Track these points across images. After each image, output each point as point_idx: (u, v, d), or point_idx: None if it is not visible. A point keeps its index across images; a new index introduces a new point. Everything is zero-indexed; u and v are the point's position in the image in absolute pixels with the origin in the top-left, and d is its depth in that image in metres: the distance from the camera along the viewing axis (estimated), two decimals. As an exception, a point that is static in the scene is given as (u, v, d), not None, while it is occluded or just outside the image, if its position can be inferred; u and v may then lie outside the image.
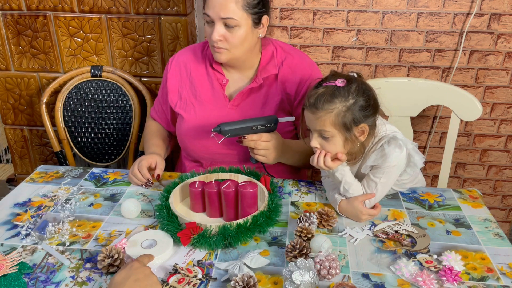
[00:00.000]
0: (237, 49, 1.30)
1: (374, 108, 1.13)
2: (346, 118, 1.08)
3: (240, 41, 1.28)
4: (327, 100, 1.08)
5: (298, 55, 1.43)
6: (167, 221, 1.10)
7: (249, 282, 0.88)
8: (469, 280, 0.97)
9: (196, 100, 1.42)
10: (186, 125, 1.42)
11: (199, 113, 1.41)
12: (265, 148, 1.26)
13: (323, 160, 1.13)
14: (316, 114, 1.09)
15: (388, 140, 1.14)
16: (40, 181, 1.36)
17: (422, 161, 1.19)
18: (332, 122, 1.09)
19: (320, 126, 1.11)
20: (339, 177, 1.16)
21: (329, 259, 0.94)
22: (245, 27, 1.26)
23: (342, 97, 1.08)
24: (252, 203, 1.14)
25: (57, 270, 0.99)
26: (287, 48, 1.44)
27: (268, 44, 1.41)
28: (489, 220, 1.17)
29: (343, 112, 1.08)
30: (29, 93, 2.01)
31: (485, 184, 2.10)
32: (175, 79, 1.46)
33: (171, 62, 1.48)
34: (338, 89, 1.09)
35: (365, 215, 1.15)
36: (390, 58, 1.88)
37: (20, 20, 1.87)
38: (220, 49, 1.29)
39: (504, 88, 1.91)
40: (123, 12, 1.82)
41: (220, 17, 1.24)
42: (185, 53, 1.47)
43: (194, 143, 1.43)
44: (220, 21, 1.25)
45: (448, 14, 1.78)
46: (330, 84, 1.10)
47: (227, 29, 1.26)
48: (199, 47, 1.47)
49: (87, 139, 1.92)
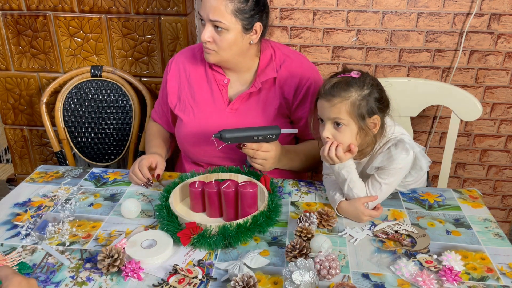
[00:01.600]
0: (225, 52, 1.30)
1: (387, 101, 1.16)
2: (361, 108, 1.11)
3: (228, 45, 1.28)
4: (343, 88, 1.10)
5: (297, 58, 1.43)
6: (167, 221, 1.10)
7: (249, 282, 0.88)
8: (469, 280, 0.97)
9: (195, 102, 1.42)
10: (185, 128, 1.42)
11: (198, 116, 1.41)
12: (263, 158, 1.27)
13: (334, 151, 1.13)
14: (332, 101, 1.11)
15: (396, 142, 1.15)
16: (40, 181, 1.36)
17: (428, 165, 1.20)
18: (348, 110, 1.10)
19: (335, 114, 1.11)
20: (345, 175, 1.16)
21: (329, 259, 0.94)
22: (233, 31, 1.26)
23: (358, 86, 1.11)
24: (252, 203, 1.14)
25: (57, 270, 0.99)
26: (286, 51, 1.43)
27: (267, 48, 1.40)
28: (489, 220, 1.17)
29: (358, 101, 1.10)
30: (29, 93, 2.01)
31: (485, 184, 2.10)
32: (175, 81, 1.46)
33: (170, 63, 1.48)
34: (354, 79, 1.12)
35: (367, 216, 1.15)
36: (390, 58, 1.88)
37: (20, 20, 1.87)
38: (208, 49, 1.30)
39: (504, 88, 1.91)
40: (123, 12, 1.82)
41: (209, 18, 1.24)
42: (184, 54, 1.47)
43: (193, 147, 1.43)
44: (209, 23, 1.26)
45: (448, 14, 1.78)
46: (345, 75, 1.13)
47: (216, 32, 1.26)
48: (198, 48, 1.47)
49: (87, 139, 1.91)
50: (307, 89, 1.39)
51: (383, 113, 1.15)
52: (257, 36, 1.32)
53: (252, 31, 1.30)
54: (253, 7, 1.26)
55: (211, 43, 1.28)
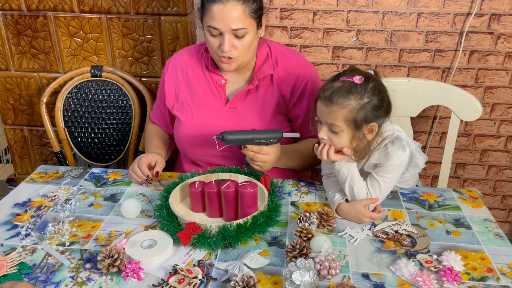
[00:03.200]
0: (245, 55, 1.30)
1: (387, 109, 1.15)
2: (358, 116, 1.09)
3: (248, 47, 1.28)
4: (343, 96, 1.09)
5: (293, 56, 1.43)
6: (167, 221, 1.10)
7: (249, 282, 0.88)
8: (469, 280, 0.97)
9: (193, 102, 1.42)
10: (183, 129, 1.42)
11: (196, 116, 1.41)
12: (263, 160, 1.27)
13: (326, 153, 1.14)
14: (330, 107, 1.10)
15: (392, 140, 1.16)
16: (40, 181, 1.36)
17: (424, 162, 1.21)
18: (344, 118, 1.10)
19: (331, 120, 1.11)
20: (345, 173, 1.16)
21: (329, 259, 0.94)
22: (252, 32, 1.27)
23: (358, 94, 1.09)
24: (252, 203, 1.14)
25: (57, 270, 0.99)
26: (282, 49, 1.43)
27: (263, 45, 1.40)
28: (489, 220, 1.17)
29: (356, 110, 1.09)
30: (29, 93, 2.01)
31: (485, 184, 2.10)
32: (172, 81, 1.46)
33: (167, 64, 1.48)
34: (355, 85, 1.10)
35: (368, 218, 1.14)
36: (390, 58, 1.88)
37: (20, 20, 1.87)
38: (230, 59, 1.29)
39: (504, 88, 1.91)
40: (123, 12, 1.82)
41: (231, 28, 1.23)
42: (181, 55, 1.47)
43: (192, 147, 1.43)
44: (230, 32, 1.24)
45: (448, 14, 1.78)
46: (348, 79, 1.11)
47: (236, 39, 1.26)
48: (195, 48, 1.47)
49: (87, 139, 1.92)
50: (304, 87, 1.39)
51: (382, 120, 1.14)
52: (263, 28, 1.33)
53: (261, 25, 1.32)
54: (261, 3, 1.28)
55: (232, 51, 1.27)
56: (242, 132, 1.21)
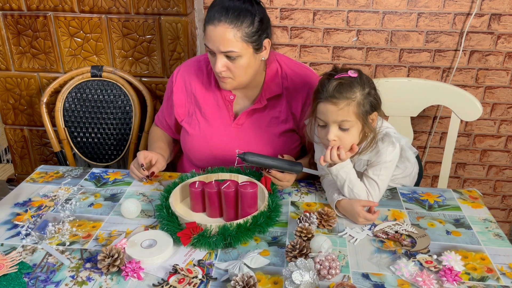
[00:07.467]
0: (241, 77, 1.29)
1: (379, 97, 1.18)
2: (365, 107, 1.12)
3: (244, 70, 1.27)
4: (348, 90, 1.10)
5: (303, 72, 1.41)
6: (167, 221, 1.10)
7: (249, 282, 0.89)
8: (469, 280, 0.97)
9: (202, 117, 1.41)
10: (190, 142, 1.41)
11: (204, 130, 1.40)
12: (282, 186, 1.28)
13: (336, 154, 1.13)
14: (338, 105, 1.10)
15: (382, 137, 1.18)
16: (40, 181, 1.36)
17: (414, 156, 1.23)
18: (354, 111, 1.11)
19: (342, 117, 1.11)
20: (344, 176, 1.16)
21: (329, 259, 0.94)
22: (246, 55, 1.25)
23: (359, 85, 1.11)
24: (252, 203, 1.14)
25: (57, 270, 0.99)
26: (292, 65, 1.41)
27: (273, 62, 1.38)
28: (489, 221, 1.17)
29: (362, 101, 1.11)
30: (29, 93, 2.01)
31: (485, 184, 2.10)
32: (181, 94, 1.44)
33: (176, 75, 1.46)
34: (355, 79, 1.12)
35: (362, 218, 1.14)
36: (390, 58, 1.88)
37: (20, 20, 1.87)
38: (225, 78, 1.28)
39: (504, 88, 1.91)
40: (123, 12, 1.82)
41: (220, 50, 1.22)
42: (189, 67, 1.45)
43: (199, 160, 1.42)
44: (221, 54, 1.24)
45: (448, 14, 1.78)
46: (343, 75, 1.12)
47: (229, 60, 1.25)
48: (204, 61, 1.44)
49: (87, 139, 1.92)
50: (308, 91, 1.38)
51: (379, 107, 1.17)
52: (267, 51, 1.31)
53: (262, 48, 1.29)
54: (259, 27, 1.24)
55: (226, 71, 1.27)
56: (263, 157, 1.22)
